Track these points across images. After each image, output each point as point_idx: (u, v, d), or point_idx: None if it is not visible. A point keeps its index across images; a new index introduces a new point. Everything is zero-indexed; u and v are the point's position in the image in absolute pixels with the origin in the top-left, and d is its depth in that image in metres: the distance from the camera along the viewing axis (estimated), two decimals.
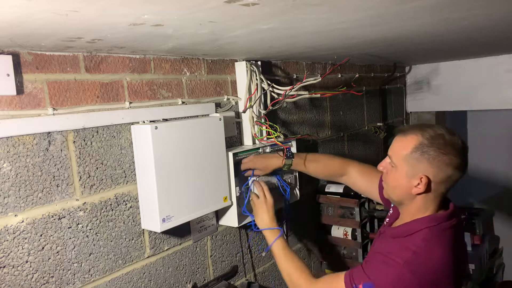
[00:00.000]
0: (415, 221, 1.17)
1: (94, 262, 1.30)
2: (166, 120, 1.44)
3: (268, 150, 1.75)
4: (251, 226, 1.62)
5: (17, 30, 0.87)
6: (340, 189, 2.19)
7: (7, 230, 1.10)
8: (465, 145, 1.15)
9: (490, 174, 4.06)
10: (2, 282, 1.10)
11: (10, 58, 1.07)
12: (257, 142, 1.76)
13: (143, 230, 1.43)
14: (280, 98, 1.68)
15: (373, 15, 1.03)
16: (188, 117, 1.52)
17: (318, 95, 1.86)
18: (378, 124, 2.92)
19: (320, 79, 1.62)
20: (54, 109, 1.18)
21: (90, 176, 1.28)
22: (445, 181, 1.13)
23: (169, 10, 0.81)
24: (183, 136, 1.40)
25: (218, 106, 1.67)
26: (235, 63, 1.76)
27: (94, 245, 1.29)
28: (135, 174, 1.38)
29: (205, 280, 1.66)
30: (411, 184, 1.14)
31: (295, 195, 1.90)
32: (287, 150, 1.69)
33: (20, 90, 1.11)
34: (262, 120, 1.75)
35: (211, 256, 1.70)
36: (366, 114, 2.83)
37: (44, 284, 1.18)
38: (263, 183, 1.59)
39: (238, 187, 1.60)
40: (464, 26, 1.32)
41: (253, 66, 1.72)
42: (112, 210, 1.34)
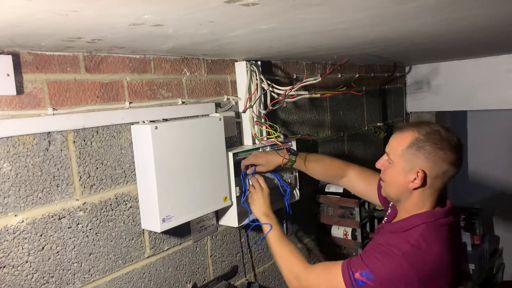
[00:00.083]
0: (413, 216, 1.19)
1: (94, 262, 1.30)
2: (166, 120, 1.44)
3: (268, 150, 1.76)
4: (250, 223, 1.62)
5: (17, 30, 0.87)
6: (340, 189, 2.19)
7: (7, 230, 1.10)
8: (460, 141, 1.17)
9: (490, 174, 4.06)
10: (2, 282, 1.10)
11: (10, 58, 1.07)
12: (257, 142, 1.76)
13: (143, 230, 1.43)
14: (280, 98, 1.68)
15: (373, 15, 1.03)
16: (188, 117, 1.52)
17: (318, 95, 1.86)
18: (378, 124, 2.92)
19: (320, 79, 1.62)
20: (54, 109, 1.18)
21: (90, 176, 1.28)
22: (441, 176, 1.16)
23: (169, 10, 0.81)
24: (183, 136, 1.40)
25: (218, 106, 1.67)
26: (235, 63, 1.76)
27: (94, 245, 1.29)
28: (135, 174, 1.38)
29: (205, 280, 1.66)
30: (408, 179, 1.17)
31: (295, 195, 1.90)
32: (288, 149, 1.70)
33: (20, 90, 1.11)
34: (262, 120, 1.75)
35: (211, 256, 1.70)
36: (366, 114, 2.83)
37: (44, 284, 1.18)
38: (259, 176, 1.61)
39: (238, 187, 1.60)
40: (464, 26, 1.32)
41: (253, 66, 1.72)
42: (112, 210, 1.34)
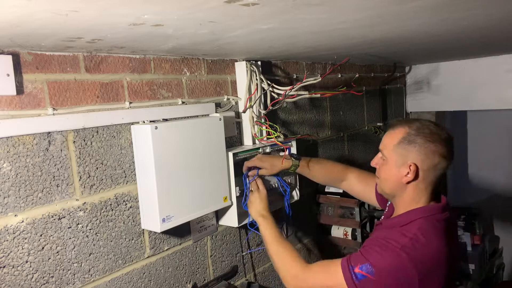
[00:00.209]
0: (409, 212, 1.21)
1: (94, 262, 1.30)
2: (166, 120, 1.44)
3: (268, 150, 1.76)
4: (248, 225, 1.62)
5: (17, 30, 0.87)
6: (340, 189, 2.19)
7: (7, 230, 1.10)
8: (450, 135, 1.21)
9: (490, 174, 4.06)
10: (2, 282, 1.10)
11: (10, 58, 1.07)
12: (257, 142, 1.76)
13: (143, 230, 1.43)
14: (280, 98, 1.68)
15: (373, 15, 1.03)
16: (188, 117, 1.52)
17: (318, 95, 1.86)
18: (378, 124, 2.93)
19: (320, 79, 1.62)
20: (54, 109, 1.18)
21: (90, 176, 1.28)
22: (432, 168, 1.19)
23: (169, 10, 0.81)
24: (183, 136, 1.40)
25: (218, 106, 1.67)
26: (235, 63, 1.76)
27: (94, 245, 1.29)
28: (135, 174, 1.38)
29: (205, 280, 1.66)
30: (401, 173, 1.20)
31: (295, 195, 1.90)
32: (288, 149, 1.70)
33: (20, 90, 1.11)
34: (262, 120, 1.74)
35: (211, 256, 1.70)
36: (366, 114, 2.83)
37: (44, 284, 1.18)
38: (258, 178, 1.61)
39: (238, 187, 1.60)
40: (464, 26, 1.32)
41: (253, 66, 1.72)
42: (112, 210, 1.34)
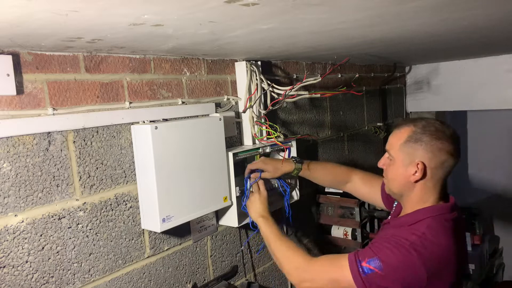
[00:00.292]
0: (418, 211, 1.20)
1: (94, 262, 1.30)
2: (166, 120, 1.44)
3: (268, 150, 1.76)
4: (250, 226, 1.62)
5: (17, 30, 0.87)
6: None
7: (7, 230, 1.10)
8: (456, 133, 1.21)
9: (490, 174, 4.06)
10: (2, 282, 1.10)
11: (10, 58, 1.07)
12: (257, 142, 1.75)
13: (143, 230, 1.43)
14: (280, 98, 1.68)
15: (373, 15, 1.03)
16: (188, 117, 1.52)
17: (318, 95, 1.86)
18: (378, 124, 2.93)
19: (320, 79, 1.62)
20: (54, 109, 1.18)
21: (90, 176, 1.28)
22: (440, 166, 1.18)
23: (169, 10, 0.81)
24: (183, 136, 1.40)
25: (218, 106, 1.67)
26: (235, 63, 1.75)
27: (94, 245, 1.29)
28: (135, 174, 1.38)
29: (205, 280, 1.66)
30: (409, 172, 1.19)
31: (295, 195, 1.90)
32: (288, 149, 1.70)
33: (20, 90, 1.11)
34: (262, 120, 1.74)
35: (211, 256, 1.70)
36: (366, 114, 2.83)
37: (44, 284, 1.18)
38: (259, 180, 1.61)
39: (238, 187, 1.60)
40: (464, 26, 1.32)
41: (253, 66, 1.72)
42: (112, 210, 1.34)
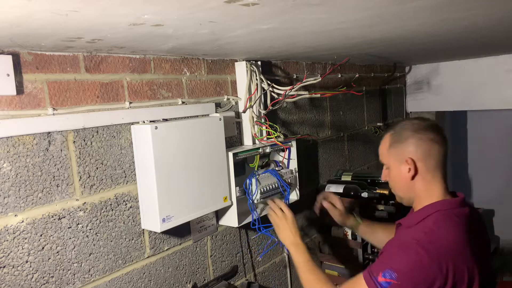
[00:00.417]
0: (425, 207, 1.22)
1: (94, 262, 1.30)
2: (166, 120, 1.44)
3: (268, 150, 1.76)
4: (250, 225, 1.63)
5: (17, 30, 0.87)
6: (340, 189, 2.19)
7: (7, 230, 1.10)
8: (435, 124, 1.25)
9: (490, 174, 4.06)
10: (2, 282, 1.10)
11: (10, 58, 1.07)
12: (257, 142, 1.76)
13: (143, 230, 1.43)
14: (280, 98, 1.68)
15: (373, 15, 1.03)
16: (188, 117, 1.52)
17: (318, 95, 1.86)
18: (378, 124, 2.93)
19: (320, 79, 1.62)
20: (54, 109, 1.18)
21: (90, 176, 1.28)
22: (427, 155, 1.21)
23: (169, 10, 0.81)
24: (183, 136, 1.40)
25: (218, 106, 1.67)
26: (235, 63, 1.75)
27: (94, 245, 1.29)
28: (135, 174, 1.38)
29: (205, 280, 1.66)
30: (404, 171, 1.23)
31: (295, 195, 1.90)
32: (288, 149, 1.70)
33: (20, 90, 1.11)
34: (262, 120, 1.75)
35: (211, 256, 1.70)
36: (366, 114, 2.83)
37: (44, 284, 1.18)
38: (278, 200, 1.59)
39: (238, 187, 1.61)
40: (464, 26, 1.32)
41: (253, 66, 1.72)
42: (112, 210, 1.34)
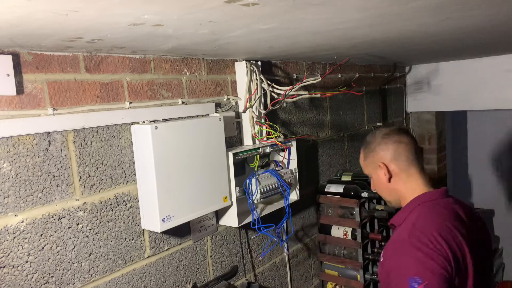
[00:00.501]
0: (409, 203, 1.28)
1: (94, 262, 1.30)
2: (166, 120, 1.44)
3: (268, 150, 1.76)
4: (250, 225, 1.63)
5: (17, 30, 0.87)
6: (340, 189, 2.19)
7: (7, 230, 1.10)
8: (399, 126, 1.34)
9: (490, 174, 4.06)
10: (2, 282, 1.10)
11: (10, 58, 1.07)
12: (257, 142, 1.76)
13: (143, 230, 1.43)
14: (280, 98, 1.68)
15: (373, 15, 1.03)
16: (188, 117, 1.52)
17: (318, 95, 1.86)
18: (378, 124, 2.93)
19: (320, 79, 1.62)
20: (54, 109, 1.18)
21: (90, 176, 1.28)
22: (394, 156, 1.30)
23: (169, 10, 0.81)
24: (183, 136, 1.40)
25: (218, 106, 1.67)
26: (235, 63, 1.75)
27: (94, 245, 1.29)
28: (135, 174, 1.38)
29: (205, 280, 1.66)
30: (381, 176, 1.32)
31: (295, 195, 1.90)
32: (288, 149, 1.70)
33: (20, 90, 1.11)
34: (262, 120, 1.75)
35: (211, 256, 1.70)
36: (366, 114, 2.83)
37: (44, 284, 1.18)
38: None
39: (238, 187, 1.61)
40: (464, 26, 1.32)
41: (253, 66, 1.72)
42: (112, 210, 1.34)
